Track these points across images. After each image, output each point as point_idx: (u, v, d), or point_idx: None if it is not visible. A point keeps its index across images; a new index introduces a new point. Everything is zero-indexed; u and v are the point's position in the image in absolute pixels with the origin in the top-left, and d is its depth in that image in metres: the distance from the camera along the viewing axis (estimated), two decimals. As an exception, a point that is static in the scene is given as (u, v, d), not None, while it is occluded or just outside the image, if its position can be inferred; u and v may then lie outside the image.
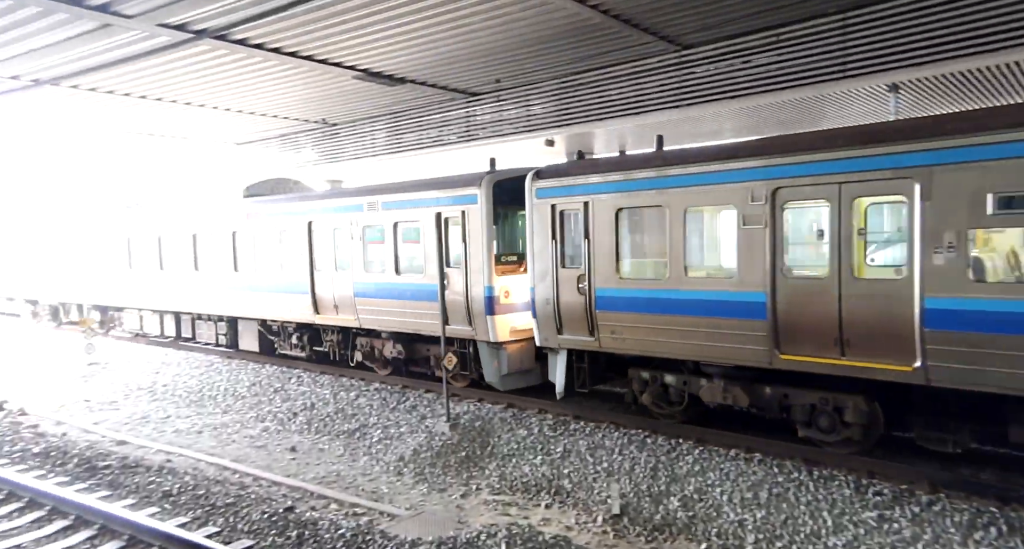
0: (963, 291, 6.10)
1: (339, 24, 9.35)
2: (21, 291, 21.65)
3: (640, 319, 8.34)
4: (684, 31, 10.12)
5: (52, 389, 13.45)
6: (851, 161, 6.73)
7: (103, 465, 8.16)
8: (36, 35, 9.33)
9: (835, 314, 6.86)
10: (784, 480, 6.89)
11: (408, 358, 11.75)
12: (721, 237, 8.14)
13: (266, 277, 13.46)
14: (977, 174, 5.99)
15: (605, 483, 7.43)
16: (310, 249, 12.52)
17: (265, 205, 13.58)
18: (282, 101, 14.10)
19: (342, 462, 8.96)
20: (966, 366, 6.15)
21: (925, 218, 6.27)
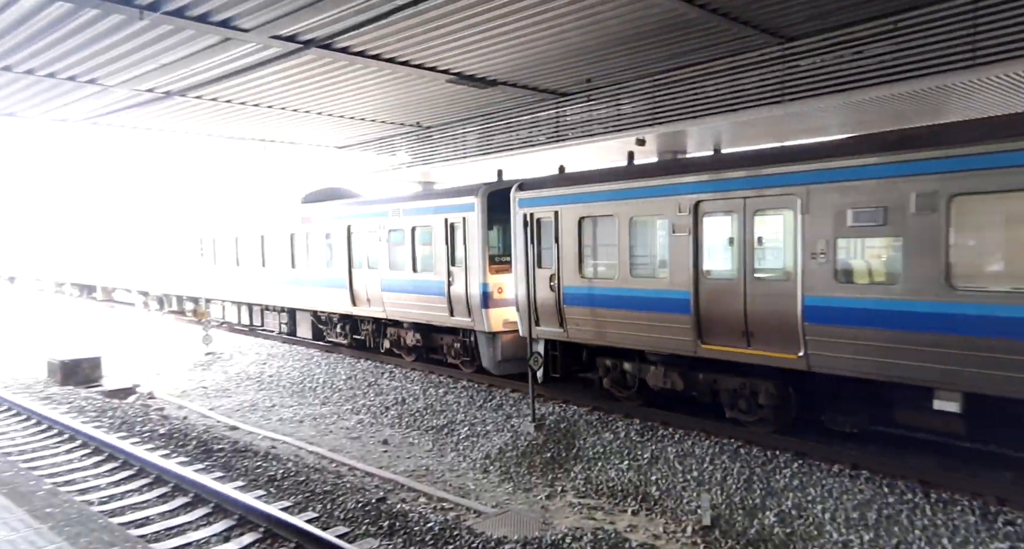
0: (831, 291, 7.19)
1: (435, 29, 9.60)
2: (136, 284, 24.79)
3: (598, 313, 9.66)
4: (789, 23, 9.62)
5: (175, 375, 14.69)
6: (752, 179, 7.90)
7: (217, 448, 8.81)
8: (167, 51, 10.21)
9: (741, 310, 8.03)
10: (896, 501, 6.42)
11: (427, 346, 13.39)
12: (657, 243, 9.21)
13: (316, 273, 15.23)
14: (840, 193, 7.13)
15: (695, 492, 7.21)
16: (348, 249, 14.25)
17: (316, 210, 15.39)
18: (379, 105, 14.66)
19: (431, 457, 9.21)
20: (834, 354, 7.22)
21: (804, 229, 7.38)
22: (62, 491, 6.44)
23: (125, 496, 7.24)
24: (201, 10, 8.59)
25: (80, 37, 9.52)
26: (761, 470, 7.32)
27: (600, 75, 12.39)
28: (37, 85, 12.04)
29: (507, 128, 15.57)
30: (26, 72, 11.17)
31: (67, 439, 9.23)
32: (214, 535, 6.30)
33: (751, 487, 7.08)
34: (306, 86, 12.64)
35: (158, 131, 16.78)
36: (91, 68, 11.02)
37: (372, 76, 11.99)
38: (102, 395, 12.24)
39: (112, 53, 10.24)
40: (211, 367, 15.32)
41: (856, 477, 6.91)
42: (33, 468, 7.92)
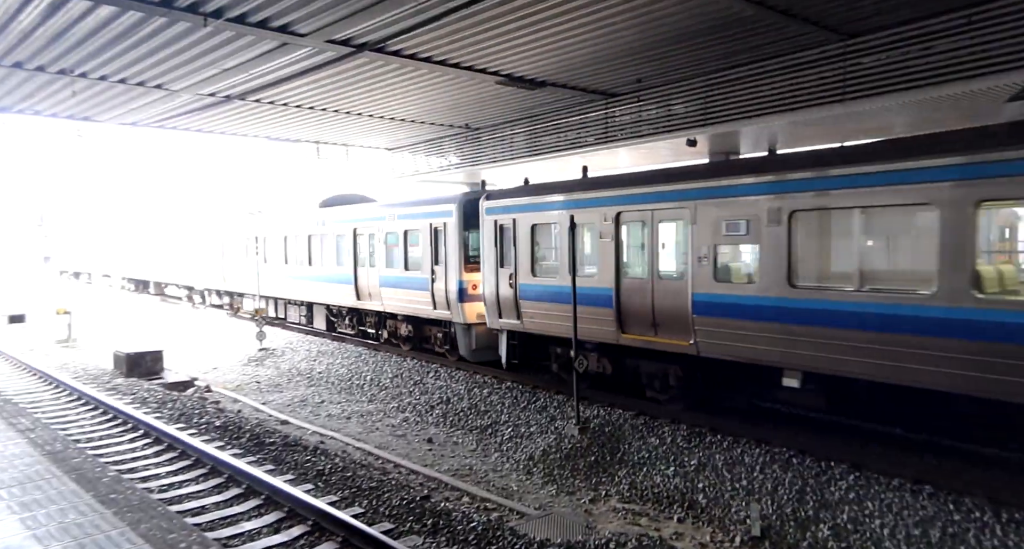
0: (711, 289, 8.74)
1: (484, 31, 9.65)
2: (181, 280, 27.21)
3: (546, 306, 11.16)
4: (851, 19, 9.27)
5: (231, 370, 15.21)
6: (656, 194, 9.52)
7: (269, 442, 9.08)
8: (228, 56, 10.59)
9: (650, 304, 9.60)
10: (962, 519, 6.09)
11: (418, 336, 14.94)
12: (589, 247, 10.69)
13: (329, 271, 17.09)
14: (717, 207, 8.64)
15: (744, 502, 7.02)
16: (354, 249, 16.04)
17: (329, 213, 17.33)
18: (429, 107, 14.83)
19: (474, 457, 9.25)
20: (715, 341, 8.71)
21: (693, 237, 8.91)
22: (125, 478, 6.74)
23: (183, 485, 7.53)
24: (261, 16, 8.87)
25: (149, 44, 9.96)
26: (815, 481, 7.07)
27: (651, 75, 12.22)
28: (110, 90, 12.66)
29: (555, 129, 15.53)
30: (100, 78, 11.76)
31: (130, 428, 9.67)
32: (265, 526, 6.48)
33: (803, 498, 6.84)
34: (359, 89, 12.90)
35: (219, 134, 17.41)
36: (158, 73, 11.52)
37: (422, 78, 12.14)
38: (163, 387, 12.78)
39: (178, 59, 10.68)
40: (264, 363, 15.80)
41: (918, 492, 6.60)
42: (99, 455, 8.32)
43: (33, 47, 10.10)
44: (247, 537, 6.27)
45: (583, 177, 11.61)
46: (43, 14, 8.83)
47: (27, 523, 4.76)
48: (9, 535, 4.55)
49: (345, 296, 16.47)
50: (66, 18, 8.96)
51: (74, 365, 14.72)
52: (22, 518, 4.85)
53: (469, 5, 8.53)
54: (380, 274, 15.12)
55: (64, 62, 10.85)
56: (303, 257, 18.15)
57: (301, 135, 17.93)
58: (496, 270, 12.04)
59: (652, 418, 9.42)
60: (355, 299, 16.10)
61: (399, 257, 14.55)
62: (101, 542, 4.44)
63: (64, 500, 5.23)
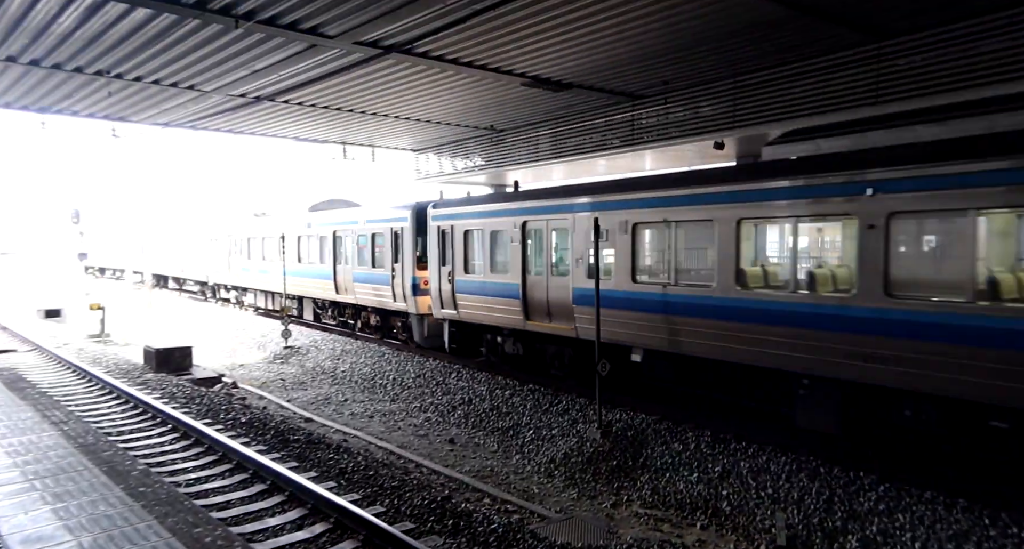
0: (585, 283, 10.59)
1: (511, 33, 9.65)
2: (195, 275, 29.63)
3: (475, 299, 13.18)
4: (887, 20, 9.09)
5: (257, 367, 15.43)
6: (550, 206, 11.59)
7: (293, 439, 9.18)
8: (258, 58, 10.76)
9: (545, 296, 11.58)
10: (998, 534, 5.91)
11: (385, 326, 17.14)
12: (503, 249, 12.68)
13: (315, 268, 19.28)
14: (588, 219, 10.54)
15: (769, 510, 6.91)
16: (334, 249, 18.26)
17: (315, 217, 19.64)
18: (454, 108, 14.89)
19: (496, 458, 9.25)
20: (586, 326, 10.50)
21: (573, 242, 11.02)
22: (154, 472, 6.86)
23: (209, 480, 7.65)
24: (291, 18, 8.99)
25: (182, 46, 10.16)
26: (843, 491, 6.93)
27: (678, 77, 12.11)
28: (144, 91, 12.94)
29: (580, 131, 15.48)
30: (135, 79, 12.03)
31: (159, 423, 9.86)
32: (288, 522, 6.55)
33: (831, 508, 6.71)
34: (385, 90, 13.00)
35: (248, 135, 17.69)
36: (191, 75, 11.75)
37: (448, 80, 12.20)
38: (191, 383, 13.01)
39: (210, 60, 10.87)
40: (289, 361, 16.00)
41: (952, 506, 6.42)
42: (129, 449, 8.50)
43: (72, 49, 10.37)
44: (271, 533, 6.34)
45: (504, 191, 14.15)
46: (81, 17, 9.06)
47: (59, 514, 4.87)
48: (42, 525, 4.67)
49: (327, 291, 18.81)
50: (103, 21, 9.18)
51: (106, 359, 15.06)
52: (55, 508, 4.97)
53: (496, 7, 8.55)
54: (354, 271, 17.39)
55: (101, 64, 11.11)
56: (294, 255, 20.37)
57: (328, 136, 18.14)
58: (439, 268, 14.07)
59: (676, 423, 9.32)
60: (335, 293, 18.42)
61: (368, 256, 16.76)
62: (130, 534, 4.53)
63: (95, 492, 5.34)
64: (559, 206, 11.35)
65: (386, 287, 15.93)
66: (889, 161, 7.23)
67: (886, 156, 7.36)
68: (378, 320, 17.29)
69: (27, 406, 8.23)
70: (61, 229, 48.60)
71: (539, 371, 12.53)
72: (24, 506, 5.00)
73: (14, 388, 9.49)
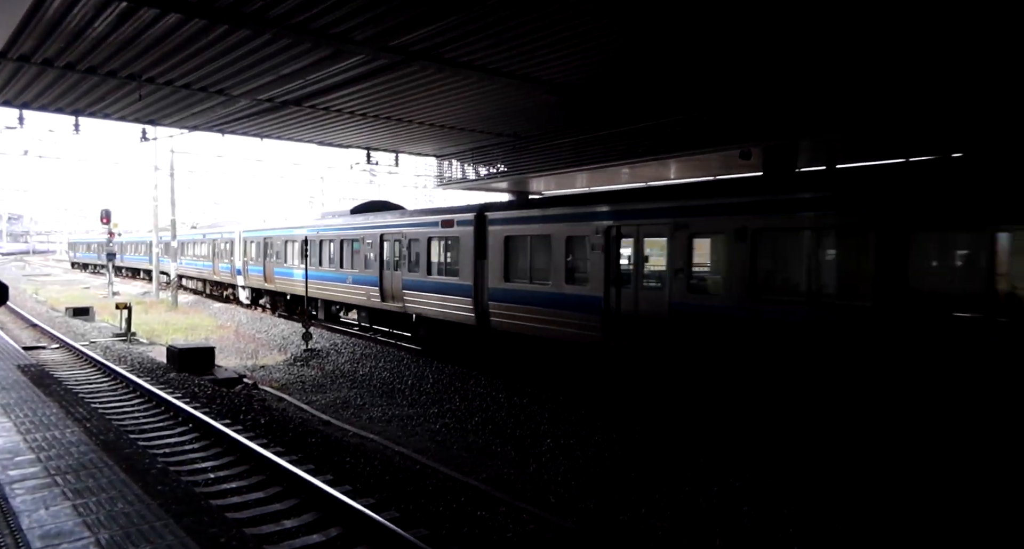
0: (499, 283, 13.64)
1: (536, 40, 9.65)
2: (199, 275, 32.90)
3: (412, 293, 16.44)
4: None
5: (277, 369, 15.54)
6: (434, 222, 15.65)
7: (311, 441, 9.19)
8: (286, 63, 10.89)
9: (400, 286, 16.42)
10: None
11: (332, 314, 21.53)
12: (419, 252, 16.28)
13: (297, 269, 22.01)
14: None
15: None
16: (304, 252, 21.02)
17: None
18: (478, 115, 14.93)
19: (512, 466, 9.16)
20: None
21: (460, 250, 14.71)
22: (172, 471, 6.91)
23: (226, 480, 7.68)
24: (320, 23, 9.07)
25: (212, 50, 10.32)
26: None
27: (703, 86, 12.01)
28: (174, 95, 13.18)
29: (605, 139, 15.41)
30: (165, 83, 12.26)
31: (180, 422, 9.95)
32: (303, 525, 6.54)
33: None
34: (410, 96, 13.07)
35: (274, 139, 17.92)
36: (220, 79, 11.93)
37: (472, 87, 12.23)
38: (212, 383, 13.13)
39: (238, 65, 11.03)
40: (309, 363, 16.09)
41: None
42: (149, 447, 8.58)
43: (105, 53, 10.59)
44: (285, 535, 6.33)
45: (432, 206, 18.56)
46: (114, 22, 9.24)
47: (79, 510, 4.90)
48: (62, 520, 4.70)
49: (368, 297, 19.76)
50: (136, 26, 9.36)
51: (131, 358, 15.29)
52: (75, 504, 5.00)
53: (520, 15, 8.55)
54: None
55: (133, 68, 11.33)
56: (275, 257, 23.88)
57: (352, 141, 18.30)
58: (380, 270, 17.80)
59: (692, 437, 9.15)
60: (380, 301, 19.29)
61: (356, 258, 19.23)
62: (146, 532, 4.54)
63: (114, 489, 5.38)
64: (443, 221, 15.56)
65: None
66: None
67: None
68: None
69: (52, 402, 8.36)
70: (96, 230, 49.88)
71: None
72: (45, 501, 5.05)
73: (40, 384, 9.66)
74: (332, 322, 21.71)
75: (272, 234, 24.47)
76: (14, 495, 5.12)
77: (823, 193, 8.21)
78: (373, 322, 19.31)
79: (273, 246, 24.18)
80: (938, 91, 9.85)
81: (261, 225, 26.54)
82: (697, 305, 9.64)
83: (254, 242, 25.99)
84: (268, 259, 24.57)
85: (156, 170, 30.97)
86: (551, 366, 12.63)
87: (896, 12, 8.25)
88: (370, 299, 18.05)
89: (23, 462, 5.91)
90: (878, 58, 9.93)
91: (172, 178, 30.38)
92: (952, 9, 8.14)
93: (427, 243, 15.71)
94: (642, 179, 18.14)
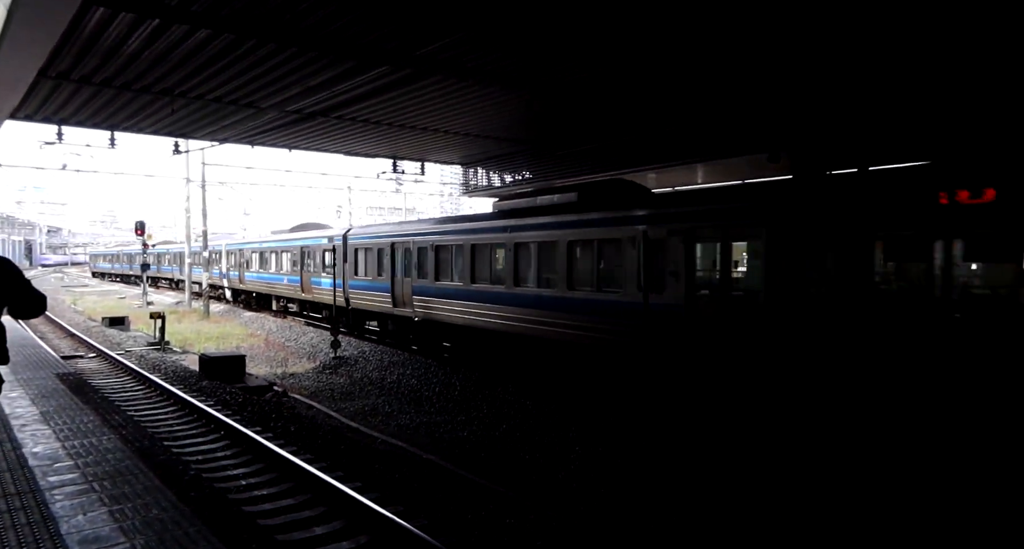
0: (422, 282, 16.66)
1: (558, 49, 9.65)
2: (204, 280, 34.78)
3: (358, 293, 19.79)
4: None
5: (306, 377, 15.71)
6: (366, 235, 19.93)
7: (340, 449, 9.24)
8: (313, 75, 11.07)
9: (343, 287, 20.52)
10: None
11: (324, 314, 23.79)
12: (364, 260, 19.93)
13: (280, 273, 26.32)
14: (403, 243, 17.53)
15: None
16: (278, 260, 26.64)
17: (285, 237, 26.63)
18: (501, 123, 14.98)
19: (540, 474, 9.07)
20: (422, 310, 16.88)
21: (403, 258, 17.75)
22: (204, 477, 7.00)
23: (257, 487, 7.75)
24: (346, 35, 9.21)
25: (241, 64, 10.55)
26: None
27: (728, 90, 11.87)
28: (205, 108, 13.49)
29: (631, 144, 15.33)
30: (196, 97, 12.55)
31: (212, 429, 10.09)
32: (333, 532, 6.55)
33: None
34: (434, 105, 13.17)
35: (302, 149, 18.21)
36: (249, 92, 12.17)
37: (495, 95, 12.26)
38: (243, 391, 13.31)
39: (266, 78, 11.24)
40: (338, 371, 16.22)
41: None
42: (182, 453, 8.71)
43: (139, 69, 10.89)
44: (315, 541, 6.35)
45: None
46: (148, 39, 9.49)
47: (115, 515, 4.98)
48: (99, 526, 4.78)
49: (295, 291, 24.74)
50: (168, 42, 9.60)
51: (164, 367, 15.60)
52: (111, 510, 5.08)
53: (538, 25, 8.55)
54: (312, 277, 23.40)
55: (166, 83, 11.63)
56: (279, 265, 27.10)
57: (379, 150, 18.52)
58: (341, 276, 20.81)
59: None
60: (300, 292, 24.45)
61: (319, 266, 22.57)
62: (179, 538, 4.59)
63: (149, 495, 5.45)
64: (372, 235, 19.62)
65: (329, 288, 20.92)
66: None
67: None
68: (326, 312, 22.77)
69: (90, 410, 8.54)
70: (133, 242, 51.42)
71: (405, 344, 18.57)
72: (83, 506, 5.14)
73: (79, 392, 9.88)
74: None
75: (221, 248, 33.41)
76: (54, 501, 5.23)
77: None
78: (300, 308, 26.01)
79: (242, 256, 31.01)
80: (953, 94, 9.59)
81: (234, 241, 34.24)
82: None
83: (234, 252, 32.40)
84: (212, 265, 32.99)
85: (188, 182, 31.66)
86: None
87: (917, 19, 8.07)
88: (295, 292, 24.84)
89: (62, 469, 6.04)
90: (898, 63, 9.71)
91: (203, 189, 31.05)
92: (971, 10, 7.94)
93: (322, 252, 22.24)
94: (669, 184, 17.99)
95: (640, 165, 15.37)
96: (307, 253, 23.35)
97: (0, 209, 79.40)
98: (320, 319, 23.79)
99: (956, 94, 10.05)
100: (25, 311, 4.03)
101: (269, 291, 27.53)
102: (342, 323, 20.42)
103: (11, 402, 8.61)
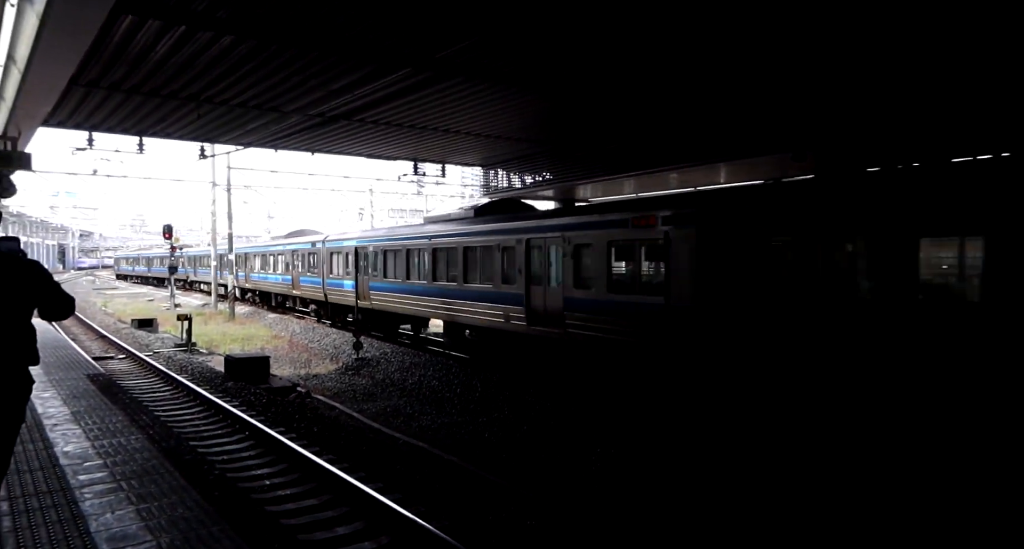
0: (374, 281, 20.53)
1: (577, 51, 9.62)
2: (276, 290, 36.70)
3: (334, 289, 23.37)
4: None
5: (329, 378, 15.86)
6: (341, 241, 23.49)
7: (362, 449, 9.29)
8: (335, 79, 11.18)
9: (322, 285, 24.50)
10: None
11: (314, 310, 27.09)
12: (337, 262, 23.53)
13: (278, 275, 29.78)
14: (373, 248, 20.86)
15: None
16: (277, 263, 29.87)
17: (286, 242, 29.35)
18: (522, 124, 14.98)
19: (562, 478, 9.03)
20: (379, 302, 20.51)
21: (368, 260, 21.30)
22: (229, 477, 7.09)
23: (280, 487, 7.83)
24: (367, 38, 9.28)
25: (265, 69, 10.69)
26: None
27: (751, 90, 11.72)
28: (230, 113, 13.71)
29: (652, 144, 15.21)
30: (222, 102, 12.75)
31: (237, 429, 10.23)
32: (354, 532, 6.59)
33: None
34: (454, 107, 13.22)
35: (325, 152, 18.40)
36: (272, 96, 12.34)
37: (515, 96, 12.27)
38: (268, 392, 13.47)
39: (290, 82, 11.38)
40: (360, 372, 16.35)
41: None
42: (208, 453, 8.84)
43: (166, 76, 11.10)
44: (337, 541, 6.39)
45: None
46: (174, 46, 9.67)
47: (142, 514, 5.07)
48: (127, 524, 4.86)
49: (288, 288, 28.23)
50: (193, 48, 9.77)
51: (191, 368, 15.86)
52: (138, 509, 5.17)
53: (557, 28, 8.53)
54: (300, 277, 26.66)
55: (192, 88, 11.83)
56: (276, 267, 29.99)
57: (400, 152, 18.63)
58: (325, 276, 24.01)
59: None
60: (292, 289, 27.69)
61: (319, 268, 24.92)
62: (204, 537, 4.65)
63: (174, 494, 5.54)
64: (343, 240, 23.25)
65: (314, 285, 25.37)
66: None
67: None
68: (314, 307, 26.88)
69: (119, 410, 8.71)
70: (159, 245, 52.43)
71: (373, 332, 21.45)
72: (111, 505, 5.24)
73: (108, 393, 10.09)
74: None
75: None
76: (83, 499, 5.33)
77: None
78: (292, 303, 29.37)
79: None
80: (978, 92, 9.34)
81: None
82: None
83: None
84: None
85: (214, 186, 32.20)
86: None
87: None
88: (288, 289, 28.42)
89: (91, 468, 6.16)
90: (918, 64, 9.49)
91: (229, 193, 31.55)
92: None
93: (308, 256, 25.77)
94: (691, 184, 17.81)
95: (661, 165, 15.24)
96: (296, 256, 26.97)
97: (35, 214, 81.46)
98: (307, 312, 27.67)
99: (983, 91, 9.79)
100: (54, 313, 4.12)
101: (268, 288, 31.63)
102: (324, 314, 24.96)
103: (43, 402, 8.82)
